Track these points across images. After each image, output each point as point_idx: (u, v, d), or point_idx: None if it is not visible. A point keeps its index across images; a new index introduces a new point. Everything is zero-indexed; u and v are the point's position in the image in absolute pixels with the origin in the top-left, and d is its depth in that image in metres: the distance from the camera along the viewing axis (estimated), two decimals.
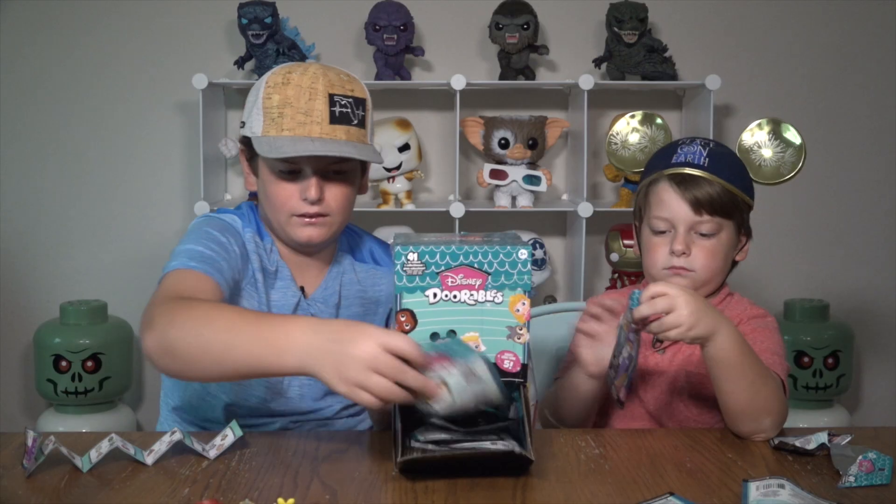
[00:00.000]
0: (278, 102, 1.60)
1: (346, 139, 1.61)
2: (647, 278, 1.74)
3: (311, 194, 1.61)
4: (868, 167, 3.45)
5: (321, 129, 1.59)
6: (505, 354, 1.36)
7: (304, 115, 1.59)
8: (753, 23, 3.40)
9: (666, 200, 1.67)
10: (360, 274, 1.77)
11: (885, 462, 1.35)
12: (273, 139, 1.59)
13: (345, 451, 1.47)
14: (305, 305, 1.71)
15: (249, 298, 1.65)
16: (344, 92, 1.61)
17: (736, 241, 1.71)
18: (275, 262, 1.70)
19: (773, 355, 1.62)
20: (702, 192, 1.65)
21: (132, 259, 3.34)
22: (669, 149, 1.72)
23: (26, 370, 3.37)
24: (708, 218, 1.65)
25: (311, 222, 1.63)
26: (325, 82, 1.60)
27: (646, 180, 1.73)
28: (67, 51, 3.32)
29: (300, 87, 1.59)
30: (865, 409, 3.54)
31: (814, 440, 1.46)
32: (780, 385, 1.56)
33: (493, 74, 3.32)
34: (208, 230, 1.63)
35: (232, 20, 3.20)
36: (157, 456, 1.40)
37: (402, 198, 3.20)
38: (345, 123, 1.61)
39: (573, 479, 1.36)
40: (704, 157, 1.67)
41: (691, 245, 1.66)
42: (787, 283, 3.43)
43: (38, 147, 3.35)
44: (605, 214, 3.20)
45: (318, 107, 1.59)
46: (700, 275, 1.67)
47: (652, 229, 1.69)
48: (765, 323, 1.69)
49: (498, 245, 1.35)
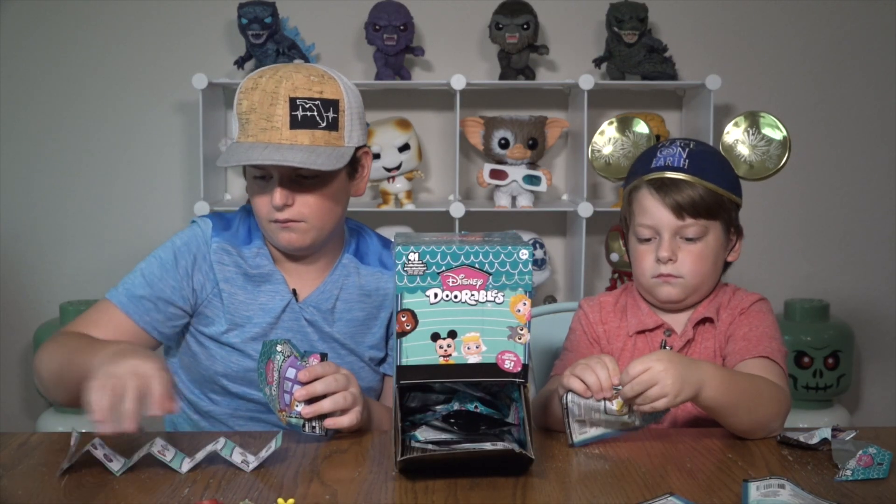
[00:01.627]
0: (246, 108, 1.60)
1: (310, 143, 1.58)
2: (637, 287, 1.73)
3: (274, 200, 1.60)
4: (868, 167, 3.45)
5: (281, 134, 1.57)
6: (506, 355, 1.36)
7: (265, 121, 1.58)
8: (754, 22, 3.40)
9: (648, 207, 1.65)
10: (364, 277, 1.76)
11: (884, 457, 1.35)
12: (236, 146, 1.61)
13: (345, 451, 1.47)
14: (297, 309, 1.71)
15: (214, 309, 1.69)
16: (310, 94, 1.58)
17: (725, 242, 1.69)
18: (260, 266, 1.70)
19: (770, 340, 1.62)
20: (682, 196, 1.62)
21: (132, 259, 3.27)
22: (649, 153, 1.70)
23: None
24: (692, 221, 1.63)
25: (285, 227, 1.64)
26: (287, 86, 1.57)
27: (628, 187, 1.71)
28: (67, 51, 3.32)
29: (265, 91, 1.58)
30: (865, 409, 3.54)
31: (817, 435, 1.46)
32: (778, 373, 1.58)
33: (493, 74, 3.32)
34: (162, 257, 1.69)
35: (232, 20, 3.20)
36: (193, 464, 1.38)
37: (402, 198, 3.20)
38: (309, 127, 1.58)
39: (573, 479, 1.36)
40: (684, 158, 1.65)
41: (677, 251, 1.64)
42: (787, 283, 3.42)
43: (38, 147, 3.35)
44: (605, 214, 3.20)
45: (278, 112, 1.57)
46: (689, 280, 1.65)
47: (637, 237, 1.68)
48: (758, 307, 1.69)
49: (499, 245, 1.35)
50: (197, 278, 1.68)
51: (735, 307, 1.69)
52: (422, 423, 1.42)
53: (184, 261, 1.68)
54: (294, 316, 1.70)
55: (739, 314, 1.68)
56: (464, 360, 1.35)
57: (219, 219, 1.74)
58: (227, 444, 1.39)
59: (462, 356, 1.35)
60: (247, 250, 1.71)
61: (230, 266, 1.69)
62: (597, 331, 1.74)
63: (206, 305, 1.69)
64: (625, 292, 1.78)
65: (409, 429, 1.41)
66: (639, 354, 1.70)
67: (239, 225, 1.73)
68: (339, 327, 1.73)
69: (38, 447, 1.48)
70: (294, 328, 1.69)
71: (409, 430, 1.41)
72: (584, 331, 1.75)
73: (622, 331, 1.73)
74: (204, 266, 1.69)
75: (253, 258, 1.70)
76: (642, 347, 1.70)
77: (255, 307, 1.69)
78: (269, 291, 1.70)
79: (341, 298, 1.73)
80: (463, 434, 1.40)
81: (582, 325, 1.76)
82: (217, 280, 1.68)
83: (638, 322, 1.71)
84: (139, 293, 1.66)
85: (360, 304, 1.75)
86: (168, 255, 1.69)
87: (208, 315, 1.69)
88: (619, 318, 1.74)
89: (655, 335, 1.71)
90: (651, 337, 1.71)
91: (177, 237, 1.72)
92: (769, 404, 1.51)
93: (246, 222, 1.74)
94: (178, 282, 1.67)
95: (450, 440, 1.39)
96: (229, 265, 1.69)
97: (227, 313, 1.68)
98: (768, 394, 1.52)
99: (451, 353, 1.35)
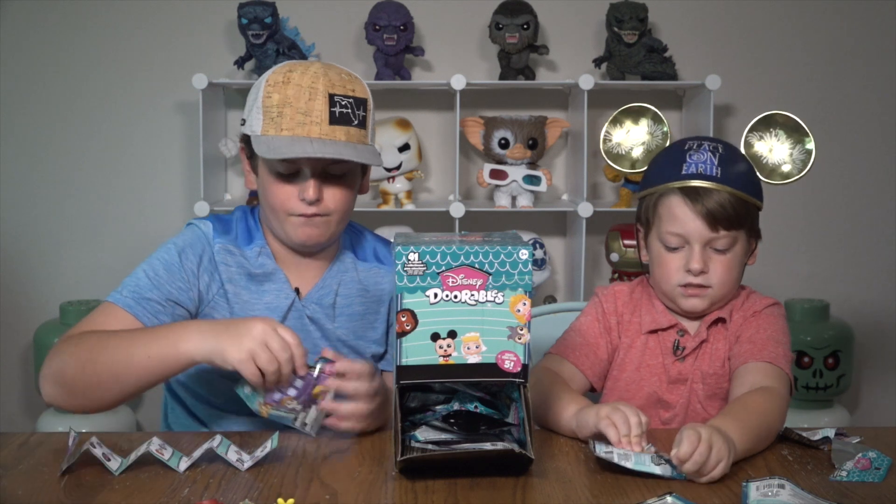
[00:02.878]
0: (278, 102, 1.60)
1: (346, 140, 1.60)
2: (656, 291, 1.72)
3: (308, 195, 1.61)
4: (869, 167, 3.45)
5: (320, 129, 1.59)
6: (506, 355, 1.36)
7: (303, 115, 1.58)
8: (754, 22, 3.40)
9: (679, 216, 1.62)
10: (361, 273, 1.77)
11: (882, 462, 1.35)
12: (271, 139, 1.60)
13: (345, 451, 1.47)
14: (300, 307, 1.71)
15: (220, 310, 1.68)
16: (345, 92, 1.61)
17: (748, 248, 1.68)
18: (262, 266, 1.70)
19: (776, 344, 1.62)
20: (717, 207, 1.59)
21: (132, 259, 3.27)
22: (677, 156, 1.66)
23: (26, 370, 3.37)
24: (724, 233, 1.61)
25: (309, 222, 1.64)
26: (325, 82, 1.59)
27: (654, 190, 1.67)
28: (67, 51, 3.32)
29: (300, 86, 1.59)
30: (865, 409, 3.54)
31: (820, 433, 1.47)
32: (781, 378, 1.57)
33: (493, 74, 3.32)
34: (165, 258, 1.67)
35: (232, 20, 3.20)
36: (190, 462, 1.38)
37: (402, 198, 3.20)
38: (344, 124, 1.60)
39: (573, 479, 1.36)
40: (716, 166, 1.61)
41: (708, 262, 1.62)
42: (787, 283, 3.42)
43: (39, 147, 3.34)
44: (605, 214, 3.20)
45: (317, 107, 1.59)
46: (717, 291, 1.64)
47: (664, 244, 1.65)
48: (770, 311, 1.69)
49: (499, 245, 1.35)
50: (203, 279, 1.68)
51: (748, 309, 1.69)
52: (422, 423, 1.42)
53: (189, 262, 1.67)
54: (298, 314, 1.70)
55: (751, 316, 1.67)
56: (464, 360, 1.35)
57: (217, 221, 1.74)
58: (224, 442, 1.39)
59: (462, 356, 1.35)
60: (248, 250, 1.71)
61: (233, 266, 1.69)
62: (610, 321, 1.73)
63: (211, 307, 1.68)
64: (640, 285, 1.76)
65: (409, 429, 1.41)
66: (650, 353, 1.70)
67: (237, 226, 1.73)
68: (340, 323, 1.73)
69: (38, 447, 1.48)
70: (298, 327, 1.69)
71: (409, 430, 1.41)
72: (597, 318, 1.74)
73: (634, 326, 1.72)
74: (210, 267, 1.68)
75: (255, 258, 1.70)
76: (654, 347, 1.70)
77: (261, 306, 1.69)
78: (273, 291, 1.70)
79: (341, 294, 1.74)
80: (463, 434, 1.40)
81: (596, 312, 1.75)
82: (222, 281, 1.68)
83: (651, 320, 1.70)
84: (147, 295, 1.63)
85: (359, 299, 1.76)
86: (172, 256, 1.67)
87: (214, 316, 1.68)
88: (632, 311, 1.73)
89: (668, 335, 1.70)
90: (664, 336, 1.70)
91: (178, 238, 1.71)
92: (776, 421, 1.51)
93: (244, 223, 1.74)
94: (185, 282, 1.66)
95: (450, 440, 1.39)
96: (232, 265, 1.69)
97: (233, 314, 1.68)
98: (774, 409, 1.51)
99: (450, 353, 1.35)
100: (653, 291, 1.73)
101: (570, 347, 1.72)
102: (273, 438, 1.40)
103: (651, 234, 1.69)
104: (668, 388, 1.68)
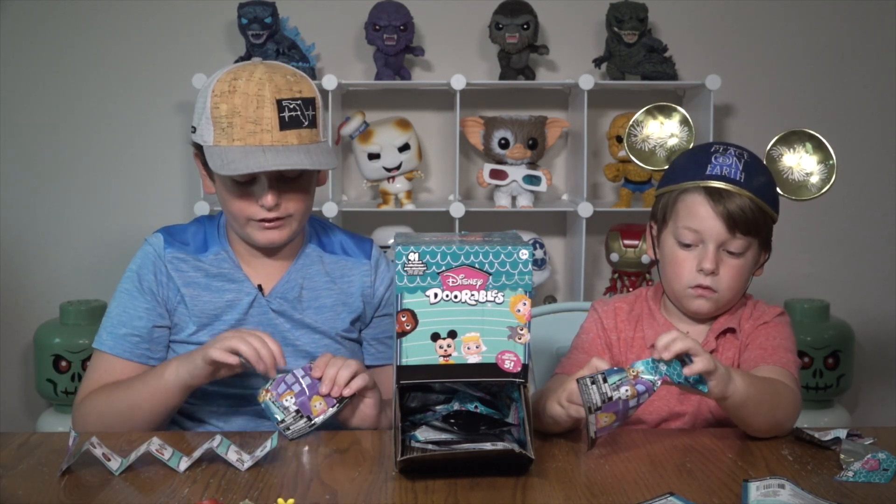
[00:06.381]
0: (226, 112, 1.61)
1: (298, 143, 1.62)
2: (667, 290, 1.71)
3: (267, 202, 1.64)
4: (869, 167, 3.44)
5: (272, 136, 1.60)
6: (506, 355, 1.36)
7: (253, 124, 1.60)
8: (754, 23, 3.40)
9: (699, 213, 1.63)
10: (328, 265, 1.79)
11: (891, 463, 1.35)
12: (224, 151, 1.61)
13: (345, 451, 1.47)
14: (264, 302, 1.73)
15: (182, 314, 1.72)
16: (292, 95, 1.62)
17: (759, 258, 1.69)
18: (220, 267, 1.74)
19: (786, 351, 1.63)
20: (737, 210, 1.61)
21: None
22: (702, 156, 1.67)
23: (26, 370, 3.37)
24: (741, 237, 1.62)
25: (270, 226, 1.67)
26: (271, 88, 1.60)
27: (675, 187, 1.67)
28: (67, 50, 3.32)
29: (247, 94, 1.60)
30: (865, 409, 3.54)
31: (832, 434, 1.47)
32: (792, 380, 1.58)
33: (493, 74, 3.32)
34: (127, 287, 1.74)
35: (232, 20, 3.20)
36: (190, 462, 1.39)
37: (402, 198, 3.20)
38: (295, 127, 1.62)
39: (573, 479, 1.36)
40: (741, 171, 1.63)
41: (720, 264, 1.63)
42: (787, 283, 3.42)
43: (39, 147, 3.34)
44: (605, 214, 3.20)
45: (266, 115, 1.60)
46: (723, 295, 1.65)
47: (679, 241, 1.65)
48: (778, 320, 1.70)
49: (499, 245, 1.35)
50: (161, 292, 1.72)
51: (758, 318, 1.70)
52: (422, 423, 1.42)
53: (147, 282, 1.72)
54: (262, 310, 1.73)
55: (761, 325, 1.68)
56: (464, 360, 1.35)
57: (168, 232, 1.78)
58: (224, 442, 1.39)
59: (462, 356, 1.35)
60: (204, 257, 1.75)
61: (189, 271, 1.73)
62: (611, 338, 1.74)
63: (174, 314, 1.73)
64: (639, 300, 1.77)
65: (409, 429, 1.42)
66: None
67: (194, 238, 1.77)
68: (308, 314, 1.75)
69: (38, 447, 1.48)
70: (263, 322, 1.72)
71: (409, 430, 1.41)
72: (598, 334, 1.74)
73: (637, 342, 1.72)
74: (163, 279, 1.73)
75: (212, 262, 1.74)
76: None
77: (222, 304, 1.72)
78: (233, 290, 1.73)
79: (307, 287, 1.76)
80: (463, 434, 1.40)
81: (597, 328, 1.75)
82: (178, 286, 1.72)
83: (654, 334, 1.69)
84: (121, 332, 1.70)
85: (327, 291, 1.77)
86: (131, 284, 1.73)
87: (177, 322, 1.72)
88: (634, 327, 1.73)
89: None
90: None
91: (133, 262, 1.77)
92: (787, 404, 1.53)
93: (202, 232, 1.78)
94: (149, 303, 1.72)
95: (450, 440, 1.39)
96: (188, 270, 1.73)
97: (192, 316, 1.71)
98: (785, 393, 1.53)
99: (451, 353, 1.35)
100: (653, 304, 1.73)
101: (577, 365, 1.71)
102: (273, 438, 1.40)
103: (665, 230, 1.69)
104: (678, 401, 1.68)
